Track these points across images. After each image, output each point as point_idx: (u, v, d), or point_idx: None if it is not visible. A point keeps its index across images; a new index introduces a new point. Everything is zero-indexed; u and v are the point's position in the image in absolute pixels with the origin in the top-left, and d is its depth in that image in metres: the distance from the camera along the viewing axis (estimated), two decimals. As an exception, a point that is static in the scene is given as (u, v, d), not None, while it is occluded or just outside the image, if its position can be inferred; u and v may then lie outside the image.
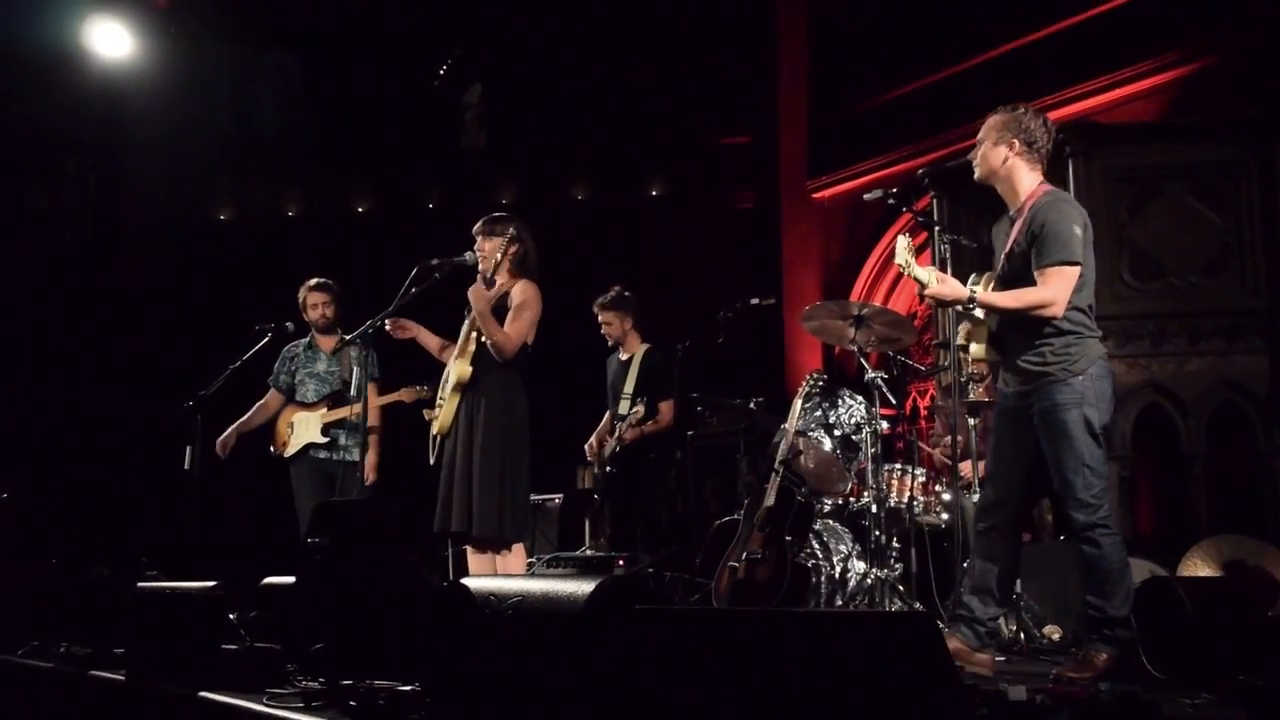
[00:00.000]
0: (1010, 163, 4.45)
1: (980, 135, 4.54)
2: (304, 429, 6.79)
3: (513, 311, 5.50)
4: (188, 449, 6.46)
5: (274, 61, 14.32)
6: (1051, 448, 4.30)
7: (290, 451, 6.80)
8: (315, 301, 6.95)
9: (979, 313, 4.45)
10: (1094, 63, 9.98)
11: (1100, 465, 4.34)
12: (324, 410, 6.77)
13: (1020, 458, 4.47)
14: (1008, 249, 4.43)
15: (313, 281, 7.01)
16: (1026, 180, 4.47)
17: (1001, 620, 5.48)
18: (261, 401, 6.98)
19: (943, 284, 4.35)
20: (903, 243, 4.34)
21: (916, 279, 4.33)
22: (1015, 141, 4.43)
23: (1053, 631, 5.54)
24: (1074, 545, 4.45)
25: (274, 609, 4.31)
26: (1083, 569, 4.33)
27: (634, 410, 6.55)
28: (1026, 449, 4.43)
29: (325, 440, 6.74)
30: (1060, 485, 4.29)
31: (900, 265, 4.32)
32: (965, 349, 4.69)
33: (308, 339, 6.99)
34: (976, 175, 4.57)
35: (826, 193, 12.48)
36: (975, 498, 5.99)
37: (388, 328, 5.72)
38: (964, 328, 4.69)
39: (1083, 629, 4.47)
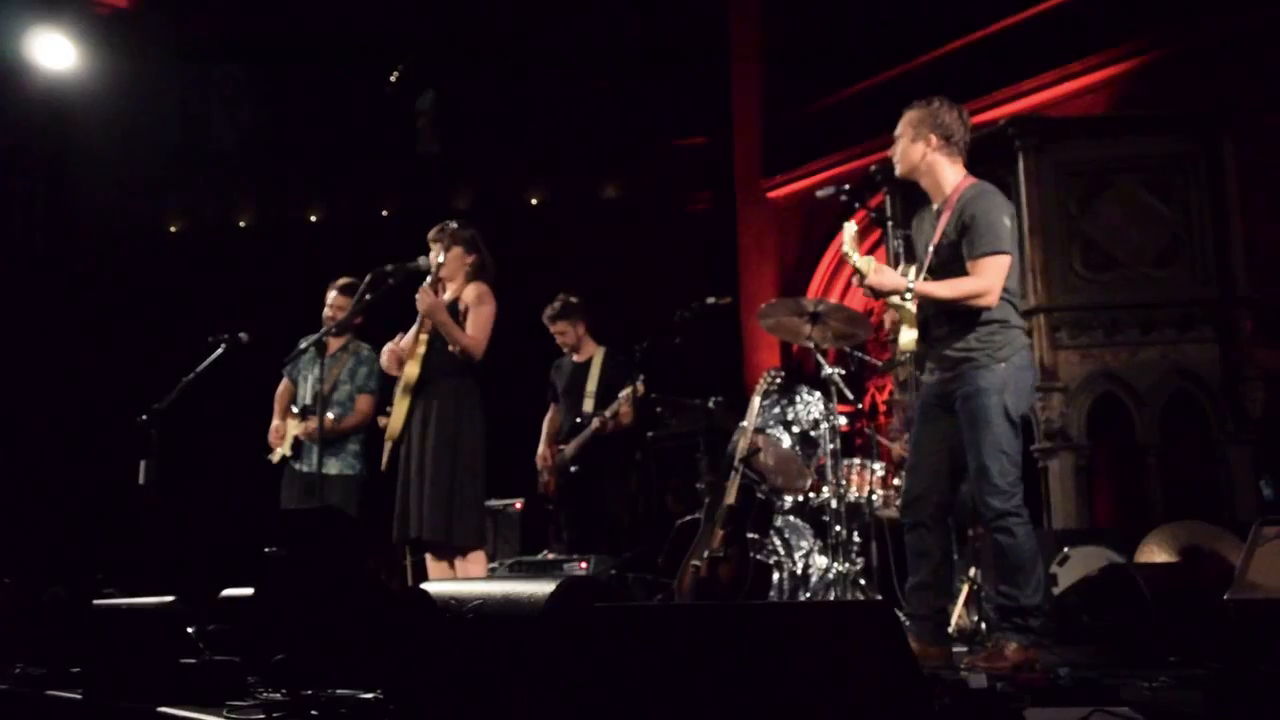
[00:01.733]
0: (929, 158, 4.50)
1: (897, 131, 4.59)
2: (287, 438, 6.73)
3: (472, 313, 5.47)
4: (142, 463, 6.37)
5: (223, 72, 14.22)
6: (970, 433, 4.31)
7: (275, 458, 6.73)
8: (331, 302, 6.70)
9: (906, 304, 4.46)
10: (1043, 58, 10.09)
11: (1016, 453, 4.36)
12: (296, 422, 6.69)
13: (943, 449, 4.48)
14: (935, 240, 4.46)
15: (342, 282, 6.72)
16: (949, 173, 4.52)
17: (963, 611, 5.52)
18: (278, 391, 6.87)
19: (879, 274, 4.37)
20: (849, 229, 4.37)
21: (856, 268, 4.35)
22: (932, 137, 4.48)
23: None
24: (988, 534, 4.47)
25: (233, 621, 4.26)
26: (995, 557, 4.36)
27: (623, 395, 6.51)
28: (949, 439, 4.45)
29: (293, 454, 6.67)
30: (976, 471, 4.29)
31: (845, 251, 4.34)
32: (894, 340, 4.70)
33: (319, 337, 6.81)
34: (898, 172, 4.65)
35: (781, 192, 12.54)
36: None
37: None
38: (889, 316, 4.72)
39: (994, 618, 4.48)
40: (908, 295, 4.36)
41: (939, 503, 4.52)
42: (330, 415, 6.32)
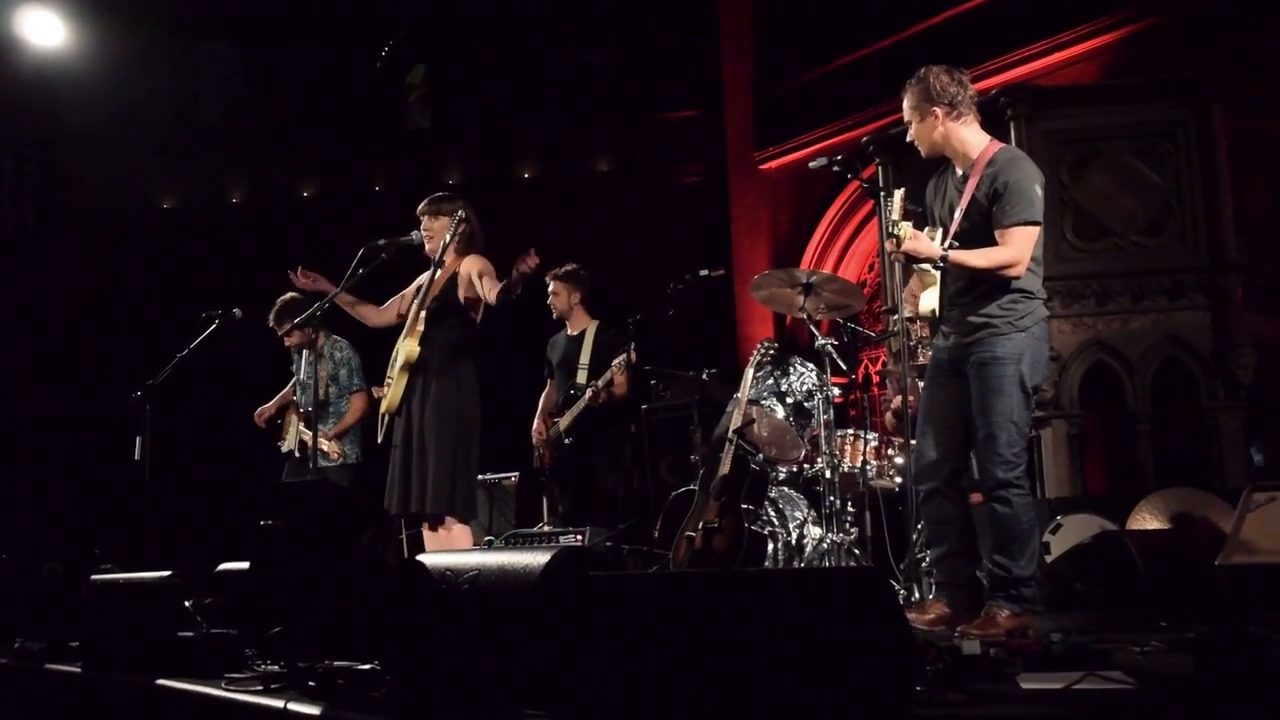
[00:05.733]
0: (943, 129, 4.43)
1: (905, 117, 4.52)
2: (291, 433, 6.92)
3: (482, 280, 5.46)
4: (137, 439, 6.39)
5: (213, 48, 14.16)
6: (982, 399, 4.27)
7: (284, 449, 7.00)
8: (273, 325, 6.95)
9: (932, 269, 4.41)
10: (1034, 27, 10.08)
11: (1025, 425, 4.34)
12: (297, 422, 6.85)
13: (956, 414, 4.42)
14: (964, 205, 4.38)
15: (283, 301, 6.98)
16: (970, 137, 4.45)
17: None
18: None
19: (916, 241, 4.30)
20: (898, 196, 4.32)
21: (894, 235, 4.27)
22: (937, 110, 4.40)
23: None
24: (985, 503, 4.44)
25: (229, 595, 4.29)
26: (992, 527, 4.30)
27: (616, 363, 6.52)
28: (961, 405, 4.40)
29: (292, 449, 6.88)
30: (984, 438, 4.26)
31: (893, 220, 4.27)
32: (915, 309, 4.65)
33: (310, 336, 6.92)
34: (923, 154, 4.54)
35: (773, 164, 12.53)
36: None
37: (294, 278, 5.69)
38: (913, 281, 4.65)
39: (986, 586, 4.45)
40: (942, 263, 4.32)
41: (953, 469, 4.47)
42: (327, 437, 6.70)
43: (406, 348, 5.41)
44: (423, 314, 5.47)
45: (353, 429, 6.89)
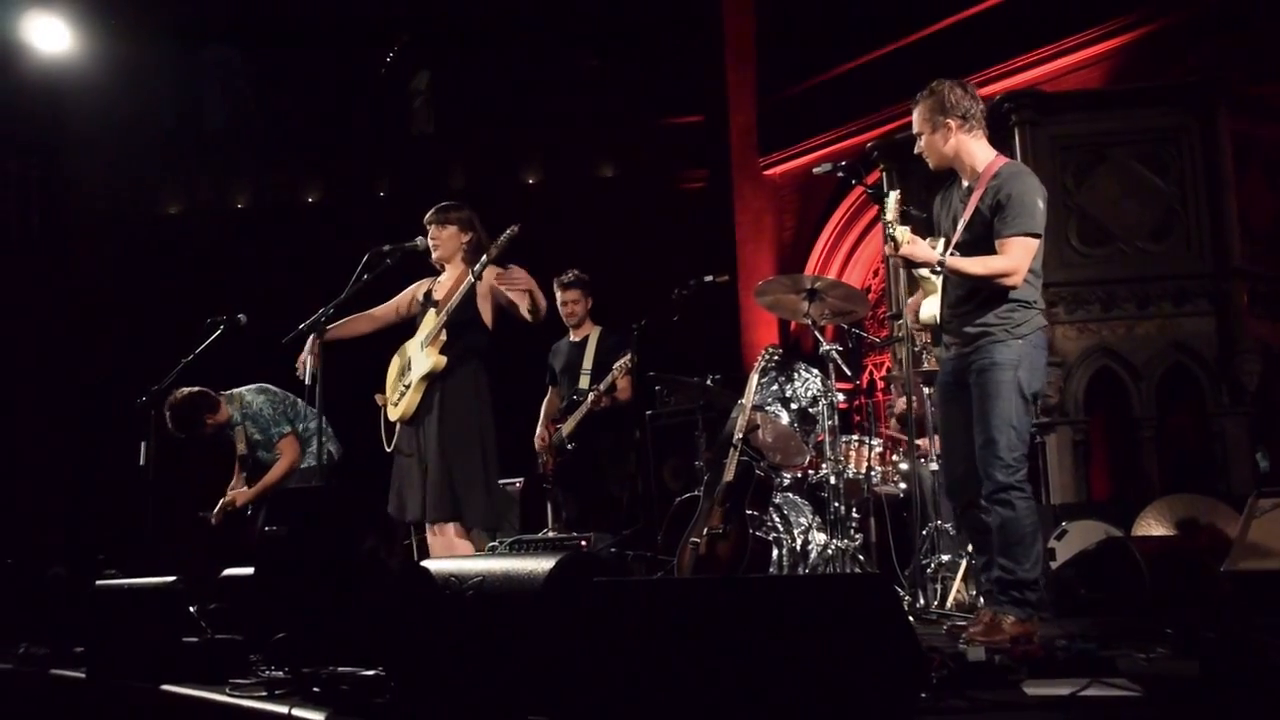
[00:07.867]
0: (955, 141, 4.46)
1: (916, 129, 4.54)
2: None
3: (507, 295, 5.44)
4: (142, 444, 6.39)
5: (217, 54, 14.18)
6: (980, 404, 4.31)
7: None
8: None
9: (932, 276, 4.47)
10: (1038, 33, 10.08)
11: (1025, 429, 4.37)
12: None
13: (971, 427, 4.43)
14: (968, 216, 4.42)
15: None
16: (979, 151, 4.49)
17: (961, 586, 5.52)
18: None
19: (914, 245, 4.33)
20: (894, 198, 4.38)
21: (892, 237, 4.31)
22: (950, 122, 4.43)
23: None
24: (988, 507, 4.43)
25: (234, 600, 4.29)
26: (995, 531, 4.32)
27: (617, 367, 6.52)
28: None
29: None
30: (983, 442, 4.29)
31: (887, 220, 4.32)
32: (916, 315, 4.68)
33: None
34: (932, 166, 4.56)
35: (778, 170, 12.53)
36: (934, 466, 6.05)
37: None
38: (918, 295, 4.69)
39: (993, 591, 4.45)
40: (939, 269, 4.36)
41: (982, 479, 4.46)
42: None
43: (432, 359, 5.39)
44: (442, 325, 5.45)
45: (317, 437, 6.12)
